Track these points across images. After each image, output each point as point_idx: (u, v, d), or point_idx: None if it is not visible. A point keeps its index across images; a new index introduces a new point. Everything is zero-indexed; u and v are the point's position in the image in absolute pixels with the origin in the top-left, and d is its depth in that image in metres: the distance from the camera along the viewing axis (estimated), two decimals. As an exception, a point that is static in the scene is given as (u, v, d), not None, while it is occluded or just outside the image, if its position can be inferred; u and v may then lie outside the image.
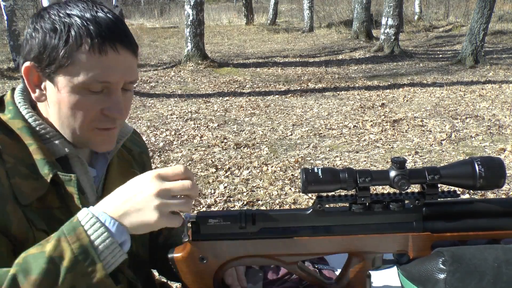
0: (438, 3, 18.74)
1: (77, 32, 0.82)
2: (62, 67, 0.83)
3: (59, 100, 0.85)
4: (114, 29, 0.84)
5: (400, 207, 0.85)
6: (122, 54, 0.85)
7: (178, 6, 22.84)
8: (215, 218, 0.87)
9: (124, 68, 0.86)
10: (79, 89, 0.84)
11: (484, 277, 0.77)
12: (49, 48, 0.82)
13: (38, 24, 0.84)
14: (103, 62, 0.83)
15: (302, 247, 0.87)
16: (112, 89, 0.86)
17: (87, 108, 0.85)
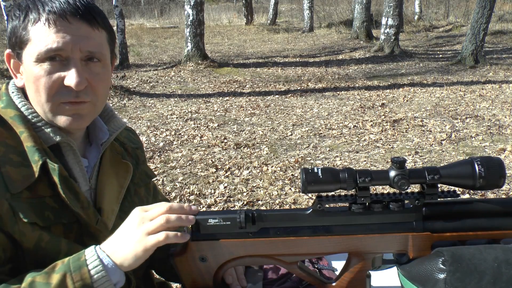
0: (438, 3, 18.74)
1: (32, 9, 0.87)
2: (24, 45, 0.88)
3: (27, 78, 0.89)
4: (68, 3, 0.87)
5: (400, 207, 0.85)
6: (75, 24, 0.87)
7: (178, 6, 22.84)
8: (215, 218, 0.87)
9: (77, 37, 0.88)
10: (37, 62, 0.87)
11: (484, 277, 0.77)
12: (13, 29, 0.89)
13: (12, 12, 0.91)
14: (53, 31, 0.86)
15: (302, 247, 0.87)
16: (67, 58, 0.88)
17: (46, 79, 0.87)
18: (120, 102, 6.73)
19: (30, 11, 0.87)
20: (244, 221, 0.86)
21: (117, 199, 1.01)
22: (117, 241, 0.82)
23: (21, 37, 0.88)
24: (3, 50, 11.88)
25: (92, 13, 0.90)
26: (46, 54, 0.86)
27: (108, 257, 0.81)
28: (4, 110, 0.90)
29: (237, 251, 0.88)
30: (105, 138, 1.01)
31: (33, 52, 0.86)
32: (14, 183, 0.83)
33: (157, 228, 0.81)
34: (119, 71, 9.17)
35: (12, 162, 0.84)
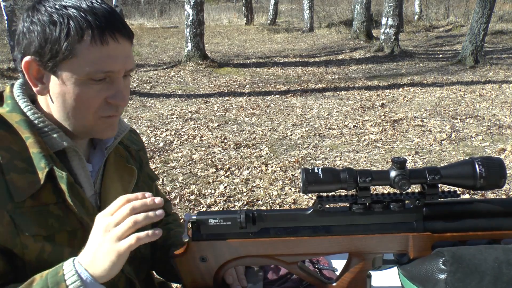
0: (438, 3, 18.74)
1: (77, 24, 0.82)
2: (65, 60, 0.83)
3: (63, 92, 0.86)
4: (112, 19, 0.85)
5: (401, 207, 0.85)
6: (122, 43, 0.86)
7: (178, 6, 22.84)
8: (215, 218, 0.87)
9: (125, 57, 0.88)
10: (83, 80, 0.85)
11: (485, 277, 0.77)
12: (50, 41, 0.82)
13: (35, 17, 0.84)
14: (105, 52, 0.84)
15: (302, 247, 0.87)
16: (114, 78, 0.88)
17: (92, 98, 0.87)
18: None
19: (75, 22, 0.82)
20: (245, 221, 0.86)
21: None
22: (90, 252, 0.78)
23: (62, 52, 0.83)
24: (3, 50, 11.88)
25: (129, 29, 0.89)
26: (95, 75, 0.84)
27: (86, 271, 0.77)
28: (9, 114, 0.88)
29: (238, 251, 0.88)
30: (110, 142, 1.00)
31: (80, 70, 0.84)
32: (19, 191, 0.82)
33: (125, 233, 0.76)
34: (119, 71, 9.17)
35: (16, 168, 0.83)
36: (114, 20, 0.85)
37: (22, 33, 0.86)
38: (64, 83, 0.85)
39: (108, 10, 0.86)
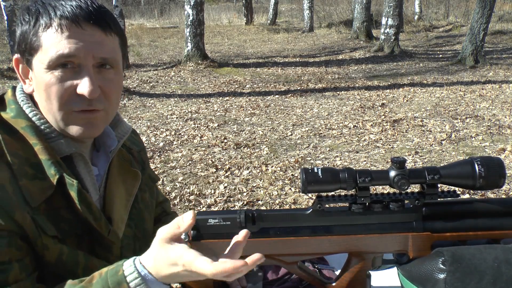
0: (438, 3, 18.74)
1: (43, 13, 0.84)
2: (35, 51, 0.85)
3: (37, 85, 0.87)
4: (80, 8, 0.84)
5: (400, 207, 0.85)
6: (88, 30, 0.84)
7: (178, 6, 22.84)
8: (215, 218, 0.87)
9: (90, 43, 0.85)
10: (48, 69, 0.84)
11: (484, 277, 0.77)
12: (23, 34, 0.86)
13: (20, 17, 0.87)
14: (65, 36, 0.83)
15: (302, 247, 0.87)
16: (79, 65, 0.85)
17: (56, 85, 0.84)
18: (120, 102, 6.74)
19: (40, 15, 0.84)
20: (244, 221, 0.86)
21: (125, 207, 1.00)
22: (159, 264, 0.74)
23: (31, 43, 0.84)
24: (3, 50, 11.89)
25: (105, 18, 0.87)
26: (57, 61, 0.83)
27: (150, 275, 0.74)
28: (14, 120, 0.86)
29: (237, 251, 0.88)
30: (114, 146, 0.99)
31: (44, 59, 0.83)
32: (33, 196, 0.82)
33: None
34: (119, 71, 9.17)
35: (27, 175, 0.83)
36: (83, 9, 0.84)
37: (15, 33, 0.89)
38: (36, 76, 0.86)
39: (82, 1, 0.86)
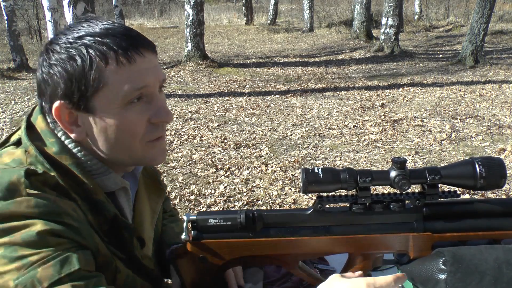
0: (438, 3, 18.75)
1: (97, 50, 0.77)
2: (96, 93, 0.78)
3: (103, 128, 0.80)
4: (130, 35, 0.80)
5: (401, 207, 0.85)
6: (147, 56, 0.81)
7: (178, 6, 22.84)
8: (215, 218, 0.87)
9: (154, 69, 0.83)
10: (120, 107, 0.79)
11: (485, 278, 0.77)
12: (76, 78, 0.77)
13: (52, 59, 0.78)
14: (134, 69, 0.79)
15: (303, 247, 0.87)
16: (150, 94, 0.82)
17: (135, 122, 0.81)
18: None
19: (95, 49, 0.76)
20: (245, 221, 0.86)
21: (151, 225, 1.00)
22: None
23: (91, 86, 0.77)
24: (3, 50, 11.88)
25: (150, 42, 0.84)
26: (132, 95, 0.79)
27: None
28: (58, 156, 0.80)
29: (238, 251, 0.88)
30: (141, 168, 0.97)
31: (114, 97, 0.78)
32: (97, 228, 0.82)
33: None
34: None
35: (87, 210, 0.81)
36: (132, 35, 0.80)
37: (43, 80, 0.79)
38: (102, 118, 0.79)
39: (124, 27, 0.81)
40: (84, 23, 0.81)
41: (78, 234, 0.75)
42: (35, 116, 0.85)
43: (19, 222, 0.71)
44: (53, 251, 0.71)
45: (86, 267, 0.73)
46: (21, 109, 6.44)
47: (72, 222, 0.75)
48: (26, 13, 13.21)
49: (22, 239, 0.70)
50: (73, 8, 6.55)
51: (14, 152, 0.80)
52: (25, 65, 9.79)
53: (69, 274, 0.70)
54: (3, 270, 0.69)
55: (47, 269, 0.69)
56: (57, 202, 0.75)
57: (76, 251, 0.73)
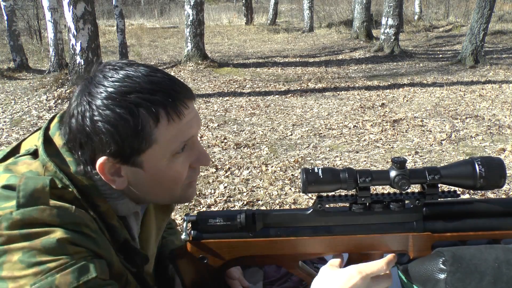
0: (438, 3, 18.75)
1: (148, 109, 0.76)
2: (145, 151, 0.79)
3: (147, 178, 0.82)
4: (175, 87, 0.80)
5: (401, 207, 0.85)
6: (190, 106, 0.83)
7: (178, 6, 22.84)
8: (215, 218, 0.87)
9: (196, 117, 0.84)
10: (167, 160, 0.81)
11: (484, 277, 0.77)
12: (127, 139, 0.76)
13: (97, 114, 0.76)
14: (182, 123, 0.80)
15: (303, 247, 0.87)
16: (193, 142, 0.85)
17: (180, 172, 0.84)
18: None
19: (146, 108, 0.76)
20: (245, 221, 0.86)
21: (155, 242, 1.01)
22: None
23: (140, 144, 0.78)
24: (3, 50, 11.87)
25: (189, 88, 0.84)
26: (179, 148, 0.81)
27: None
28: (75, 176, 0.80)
29: (238, 251, 0.88)
30: None
31: (164, 153, 0.80)
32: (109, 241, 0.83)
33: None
34: (119, 71, 9.17)
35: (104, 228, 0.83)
36: (178, 88, 0.81)
37: (85, 133, 0.77)
38: (147, 170, 0.81)
39: (169, 78, 0.81)
40: (121, 70, 0.79)
41: (95, 244, 0.77)
42: (53, 131, 0.84)
43: (40, 229, 0.72)
44: (71, 258, 0.72)
45: (101, 276, 0.75)
46: (21, 109, 6.44)
47: (90, 233, 0.76)
48: (26, 13, 13.20)
49: (42, 245, 0.71)
50: (73, 8, 6.54)
51: (32, 164, 0.80)
52: (25, 65, 9.79)
53: (86, 282, 0.72)
54: (20, 275, 0.69)
55: (65, 276, 0.70)
56: (76, 213, 0.76)
57: (92, 260, 0.74)
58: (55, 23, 9.13)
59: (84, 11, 6.61)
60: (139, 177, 0.82)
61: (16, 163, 0.81)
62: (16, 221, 0.71)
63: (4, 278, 0.69)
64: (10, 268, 0.69)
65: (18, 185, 0.74)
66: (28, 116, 6.08)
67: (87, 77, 0.82)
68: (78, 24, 6.59)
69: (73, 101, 0.80)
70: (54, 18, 9.13)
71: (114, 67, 0.80)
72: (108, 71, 0.80)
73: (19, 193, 0.73)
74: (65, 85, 6.88)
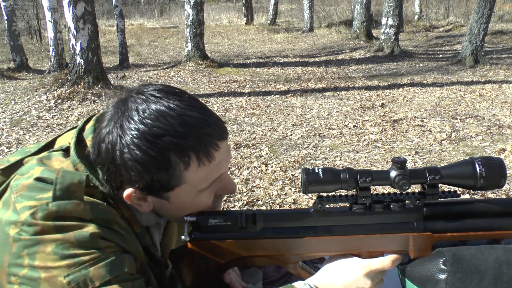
0: (438, 3, 18.74)
1: (180, 155, 0.77)
2: (173, 189, 0.81)
3: (172, 206, 0.85)
4: (209, 129, 0.79)
5: (401, 207, 0.85)
6: (222, 147, 0.83)
7: (178, 6, 22.84)
8: (215, 218, 0.87)
9: (227, 155, 0.86)
10: (194, 195, 0.84)
11: (485, 277, 0.77)
12: (156, 180, 0.78)
13: (127, 152, 0.76)
14: (212, 165, 0.81)
15: (303, 247, 0.87)
16: (220, 175, 0.86)
17: (205, 202, 0.86)
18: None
19: (177, 152, 0.77)
20: (245, 221, 0.86)
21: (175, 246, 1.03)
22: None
23: (169, 184, 0.80)
24: (3, 50, 11.87)
25: (223, 126, 0.84)
26: (207, 187, 0.84)
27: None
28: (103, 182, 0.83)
29: (238, 251, 0.88)
30: None
31: (191, 191, 0.82)
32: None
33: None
34: (119, 71, 9.17)
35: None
36: (212, 129, 0.80)
37: (115, 164, 0.78)
38: (173, 203, 0.84)
39: (204, 119, 0.79)
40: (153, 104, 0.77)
41: (124, 241, 0.79)
42: (87, 133, 0.86)
43: (73, 223, 0.74)
44: (103, 253, 0.74)
45: (130, 270, 0.77)
46: (21, 109, 6.44)
47: (119, 229, 0.79)
48: (26, 13, 13.20)
49: (75, 238, 0.73)
50: (73, 8, 6.54)
51: (63, 162, 0.83)
52: (25, 65, 9.79)
53: (117, 276, 0.74)
54: (53, 266, 0.71)
55: (99, 270, 0.72)
56: (107, 210, 0.79)
57: (122, 255, 0.77)
58: (55, 23, 9.13)
59: (84, 11, 6.61)
60: (164, 206, 0.85)
61: (50, 158, 0.84)
62: (51, 212, 0.73)
63: (37, 267, 0.71)
64: (43, 259, 0.71)
65: (55, 178, 0.76)
66: (28, 116, 6.07)
67: (121, 101, 0.81)
68: (78, 24, 6.59)
69: (105, 124, 0.79)
70: (54, 18, 9.12)
71: (148, 99, 0.78)
72: (141, 102, 0.78)
73: (56, 185, 0.75)
74: (65, 85, 6.88)
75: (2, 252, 0.73)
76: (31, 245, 0.72)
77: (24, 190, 0.76)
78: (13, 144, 4.94)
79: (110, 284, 0.73)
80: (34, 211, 0.72)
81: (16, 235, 0.72)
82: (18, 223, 0.72)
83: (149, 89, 0.80)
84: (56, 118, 5.99)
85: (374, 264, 0.84)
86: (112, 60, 10.90)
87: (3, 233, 0.73)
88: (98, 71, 6.92)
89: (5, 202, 0.77)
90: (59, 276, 0.71)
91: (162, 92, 0.80)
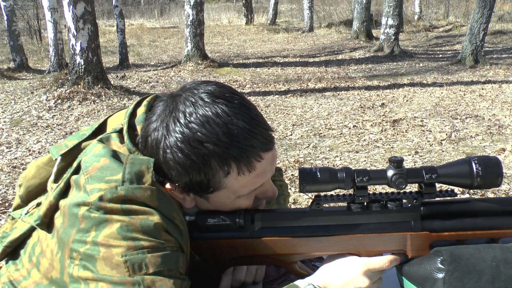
0: (438, 3, 18.74)
1: (220, 162, 0.79)
2: (213, 193, 0.84)
3: (213, 205, 0.87)
4: (254, 141, 0.79)
5: (398, 206, 0.85)
6: (266, 157, 0.83)
7: (178, 6, 22.84)
8: (214, 217, 0.87)
9: (271, 165, 0.86)
10: (233, 199, 0.86)
11: (482, 276, 0.77)
12: (196, 182, 0.82)
13: (169, 153, 0.79)
14: (252, 175, 0.82)
15: (301, 246, 0.87)
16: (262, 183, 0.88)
17: (245, 204, 0.88)
18: (120, 102, 6.73)
19: (218, 159, 0.79)
20: (244, 221, 0.86)
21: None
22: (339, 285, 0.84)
23: (208, 188, 0.83)
24: (3, 50, 11.87)
25: (271, 137, 0.84)
26: (246, 194, 0.86)
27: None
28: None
29: (237, 251, 0.88)
30: None
31: (230, 195, 0.84)
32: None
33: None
34: (119, 71, 9.17)
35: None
36: (257, 141, 0.80)
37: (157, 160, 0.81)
38: (213, 203, 0.87)
39: (250, 130, 0.79)
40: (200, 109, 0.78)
41: (181, 236, 0.81)
42: (138, 120, 0.88)
43: (139, 207, 0.76)
44: (162, 244, 0.76)
45: (181, 269, 0.79)
46: (21, 109, 6.44)
47: (179, 224, 0.81)
48: (26, 13, 13.20)
49: (140, 224, 0.75)
50: (73, 8, 6.55)
51: (120, 147, 0.85)
52: (25, 65, 9.79)
53: (170, 270, 0.76)
54: (114, 244, 0.74)
55: (155, 258, 0.74)
56: (171, 199, 0.81)
57: (178, 252, 0.80)
58: (55, 23, 9.13)
59: (84, 11, 6.61)
60: (202, 204, 0.88)
61: (108, 140, 0.86)
62: (119, 195, 0.75)
63: (99, 243, 0.74)
64: (107, 236, 0.74)
65: (125, 163, 0.78)
66: (28, 116, 6.08)
67: (172, 96, 0.83)
68: (78, 24, 6.59)
69: (154, 119, 0.82)
70: (54, 18, 9.13)
71: (196, 102, 0.79)
72: (190, 105, 0.79)
73: (125, 169, 0.78)
74: (65, 85, 6.88)
75: (71, 228, 0.77)
76: (99, 222, 0.75)
77: (94, 172, 0.79)
78: (13, 144, 4.94)
79: (161, 275, 0.74)
80: (103, 194, 0.75)
81: (86, 213, 0.76)
82: (88, 203, 0.76)
83: (200, 90, 0.81)
84: (56, 118, 5.99)
85: (372, 263, 0.84)
86: (112, 60, 10.90)
87: (74, 212, 0.77)
88: (98, 71, 6.93)
89: (77, 184, 0.80)
90: (117, 255, 0.73)
91: (212, 96, 0.80)
